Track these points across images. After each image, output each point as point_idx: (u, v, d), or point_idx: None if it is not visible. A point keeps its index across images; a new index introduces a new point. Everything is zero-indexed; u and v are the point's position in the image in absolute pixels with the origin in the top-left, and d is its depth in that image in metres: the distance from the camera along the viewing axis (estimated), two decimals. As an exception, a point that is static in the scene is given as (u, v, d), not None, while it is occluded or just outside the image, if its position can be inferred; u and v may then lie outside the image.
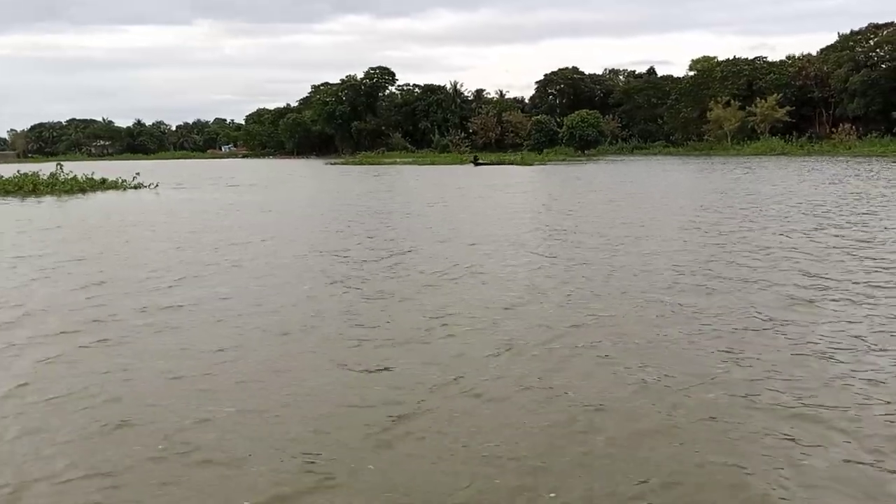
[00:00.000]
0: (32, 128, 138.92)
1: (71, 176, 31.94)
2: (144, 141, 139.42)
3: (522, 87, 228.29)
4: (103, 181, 32.62)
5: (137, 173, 33.63)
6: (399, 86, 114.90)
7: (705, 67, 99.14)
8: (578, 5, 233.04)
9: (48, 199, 26.89)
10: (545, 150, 78.58)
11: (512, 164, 58.09)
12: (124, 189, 31.78)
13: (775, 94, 71.84)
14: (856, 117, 69.80)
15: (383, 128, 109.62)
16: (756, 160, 52.45)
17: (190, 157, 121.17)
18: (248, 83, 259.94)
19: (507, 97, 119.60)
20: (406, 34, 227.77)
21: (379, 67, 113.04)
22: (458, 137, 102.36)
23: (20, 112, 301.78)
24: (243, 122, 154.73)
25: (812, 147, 64.44)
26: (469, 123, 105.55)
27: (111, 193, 30.39)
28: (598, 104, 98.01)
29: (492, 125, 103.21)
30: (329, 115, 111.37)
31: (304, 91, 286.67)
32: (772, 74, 78.43)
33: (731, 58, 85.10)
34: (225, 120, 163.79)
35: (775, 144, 65.24)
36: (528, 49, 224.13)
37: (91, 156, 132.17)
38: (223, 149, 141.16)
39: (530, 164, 54.78)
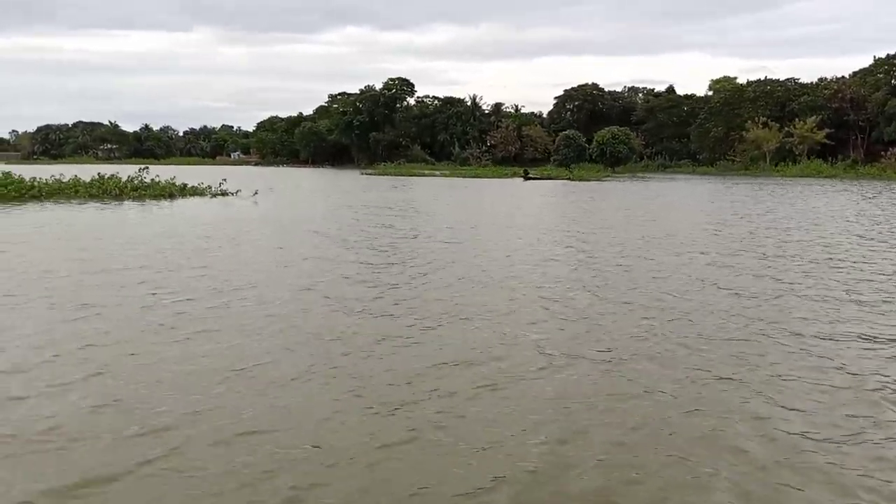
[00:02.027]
0: (38, 129, 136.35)
1: (152, 180, 30.45)
2: (152, 146, 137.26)
3: (521, 102, 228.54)
4: (184, 186, 31.18)
5: (224, 179, 32.13)
6: (418, 98, 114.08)
7: (726, 88, 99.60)
8: (575, 24, 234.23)
9: (139, 205, 25.31)
10: (572, 166, 77.83)
11: (559, 178, 57.14)
12: (211, 195, 30.29)
13: (814, 116, 71.53)
14: (891, 141, 69.61)
15: (401, 139, 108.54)
16: (821, 183, 51.06)
17: (203, 164, 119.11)
18: (245, 91, 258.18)
19: (521, 111, 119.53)
20: (404, 47, 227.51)
21: (398, 78, 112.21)
22: (479, 151, 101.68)
23: (15, 115, 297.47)
24: (250, 130, 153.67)
25: (858, 171, 63.92)
26: (488, 137, 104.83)
27: (195, 200, 28.87)
28: (616, 121, 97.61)
29: (512, 139, 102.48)
30: (347, 125, 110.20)
31: (301, 101, 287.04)
32: (805, 96, 78.24)
33: (762, 78, 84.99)
34: (232, 127, 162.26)
35: (821, 167, 64.78)
36: (524, 65, 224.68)
37: (98, 159, 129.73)
38: (232, 155, 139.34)
39: (585, 181, 53.67)
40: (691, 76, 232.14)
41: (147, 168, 31.39)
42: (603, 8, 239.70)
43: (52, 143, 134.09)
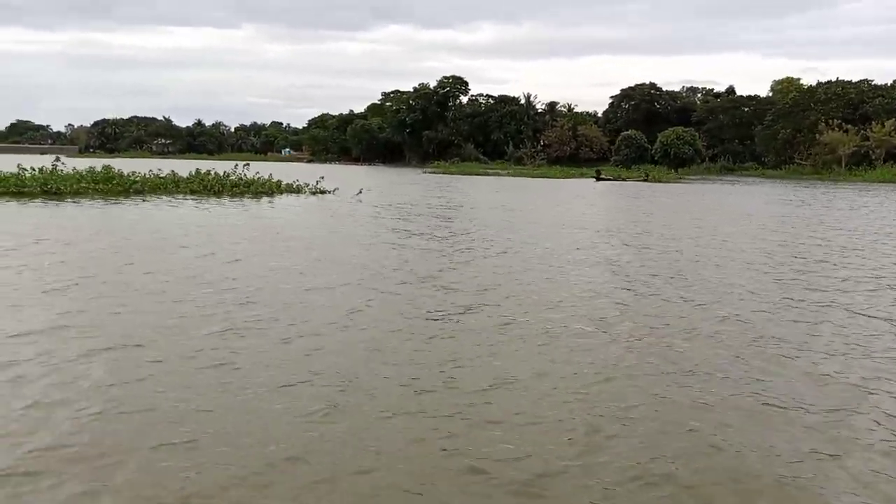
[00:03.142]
0: (95, 123, 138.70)
1: (248, 177, 30.04)
2: (204, 141, 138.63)
3: (563, 100, 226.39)
4: (279, 183, 30.73)
5: (322, 177, 31.62)
6: (471, 96, 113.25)
7: (788, 88, 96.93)
8: (620, 23, 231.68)
9: (243, 202, 24.77)
10: (633, 166, 76.24)
11: (632, 179, 55.80)
12: (310, 193, 29.75)
13: (892, 119, 68.91)
14: (974, 146, 66.81)
15: (453, 138, 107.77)
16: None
17: (255, 160, 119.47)
18: (290, 88, 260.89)
19: (574, 110, 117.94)
20: (447, 46, 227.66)
21: (452, 76, 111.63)
22: (533, 150, 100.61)
23: (69, 107, 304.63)
24: (299, 127, 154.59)
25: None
26: (543, 136, 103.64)
27: (293, 198, 28.33)
28: (674, 121, 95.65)
29: (567, 139, 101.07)
30: (400, 122, 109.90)
31: (345, 98, 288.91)
32: (881, 98, 75.52)
33: (833, 79, 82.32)
34: (281, 123, 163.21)
35: (905, 173, 62.12)
36: (567, 64, 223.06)
37: (152, 154, 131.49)
38: (283, 152, 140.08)
39: (663, 182, 52.19)
40: (740, 77, 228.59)
41: (248, 164, 31.05)
42: (648, 7, 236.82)
43: (107, 136, 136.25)
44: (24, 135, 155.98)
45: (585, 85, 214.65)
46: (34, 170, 27.66)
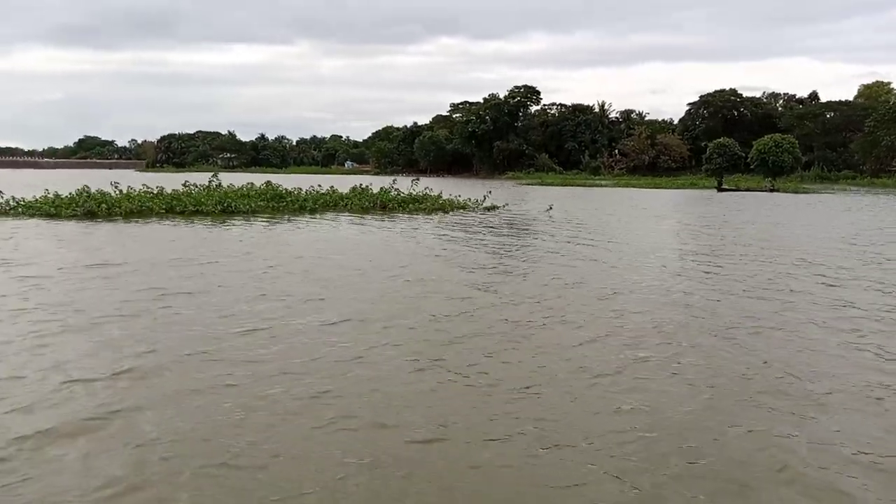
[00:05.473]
0: (162, 138, 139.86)
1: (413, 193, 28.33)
2: (268, 155, 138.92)
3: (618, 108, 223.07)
4: (438, 198, 28.94)
5: (489, 191, 29.68)
6: (543, 105, 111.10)
7: (878, 93, 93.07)
8: (673, 30, 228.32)
9: (428, 218, 22.90)
10: (725, 176, 73.12)
11: (753, 189, 52.91)
12: (482, 209, 27.83)
13: None
14: None
15: (524, 148, 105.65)
16: None
17: (321, 173, 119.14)
18: (340, 101, 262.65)
19: (646, 118, 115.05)
20: (497, 56, 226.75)
21: (524, 86, 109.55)
22: (611, 160, 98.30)
23: (132, 124, 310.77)
24: (359, 140, 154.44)
25: None
26: (620, 145, 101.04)
27: (464, 215, 26.49)
28: (756, 129, 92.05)
29: (645, 147, 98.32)
30: (470, 134, 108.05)
31: (398, 111, 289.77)
32: None
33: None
34: (341, 137, 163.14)
35: None
36: (619, 73, 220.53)
37: (218, 167, 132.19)
38: (345, 165, 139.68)
39: (798, 193, 49.20)
40: (797, 82, 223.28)
41: (417, 179, 29.42)
42: (703, 14, 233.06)
43: (173, 151, 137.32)
44: (91, 150, 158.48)
45: (639, 93, 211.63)
46: (197, 186, 26.48)
